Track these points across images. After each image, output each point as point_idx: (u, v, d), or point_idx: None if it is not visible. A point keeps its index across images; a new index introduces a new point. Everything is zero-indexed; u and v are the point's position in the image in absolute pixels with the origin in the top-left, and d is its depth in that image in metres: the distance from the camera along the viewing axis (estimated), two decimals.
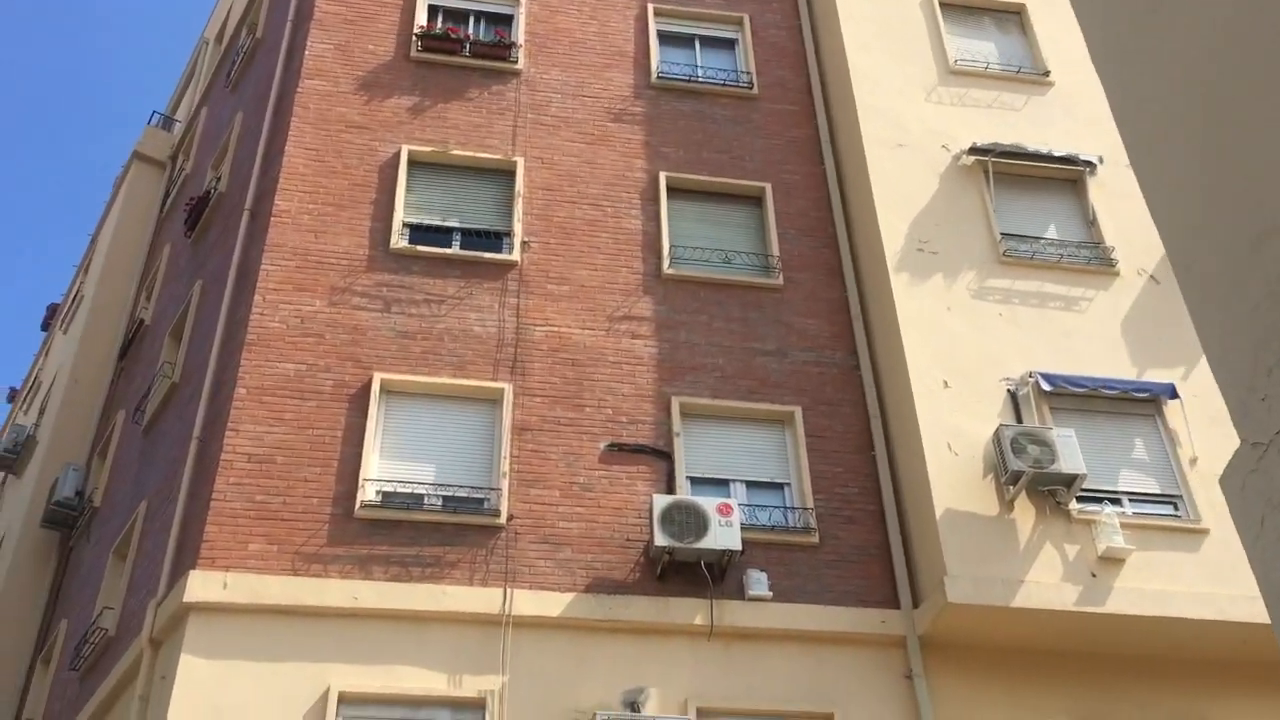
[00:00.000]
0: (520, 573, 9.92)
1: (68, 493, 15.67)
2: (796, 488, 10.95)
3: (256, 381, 10.67)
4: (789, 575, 10.29)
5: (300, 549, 9.75)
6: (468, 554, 9.95)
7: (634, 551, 10.21)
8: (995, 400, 10.86)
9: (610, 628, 9.75)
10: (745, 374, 11.56)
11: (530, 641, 9.58)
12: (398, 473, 10.40)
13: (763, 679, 9.72)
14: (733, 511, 10.01)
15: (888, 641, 10.02)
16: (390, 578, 9.71)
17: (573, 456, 10.71)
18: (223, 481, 10.01)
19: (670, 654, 9.72)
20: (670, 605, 9.88)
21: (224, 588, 9.40)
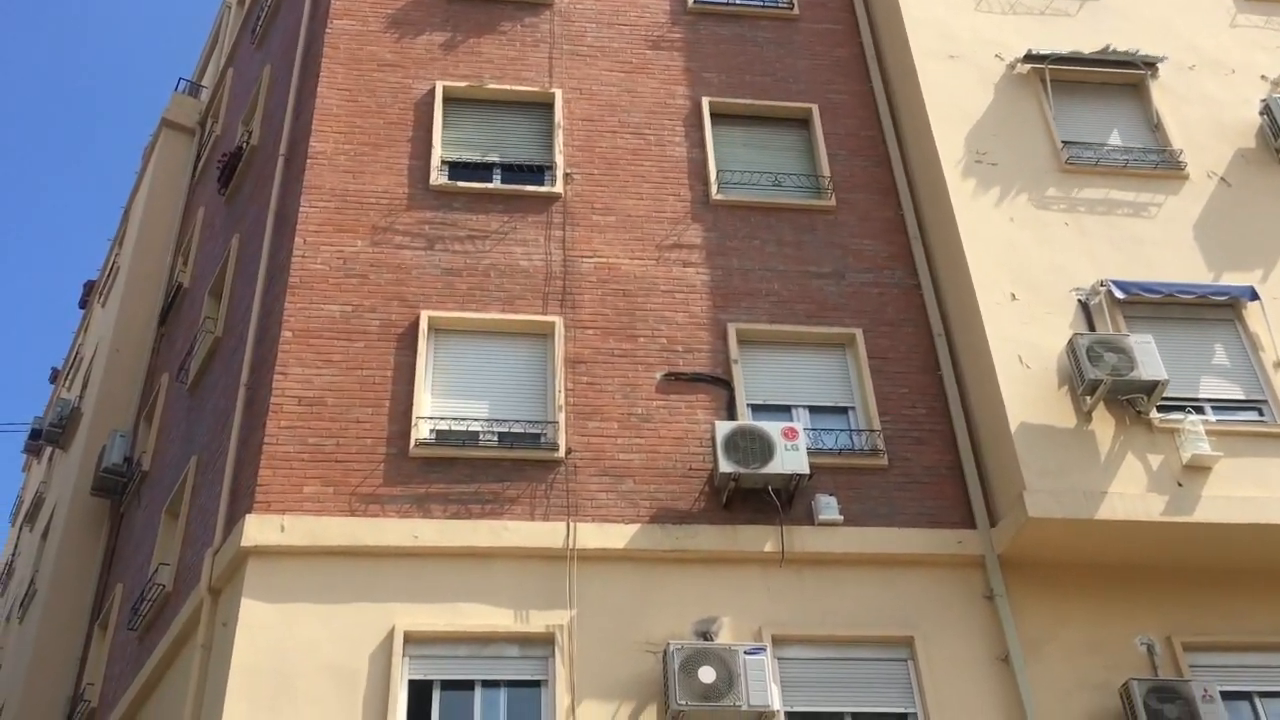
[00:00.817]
0: (582, 506, 9.63)
1: (116, 459, 15.56)
2: (861, 411, 10.58)
3: (302, 324, 10.40)
4: (859, 499, 9.94)
5: (356, 490, 9.50)
6: (527, 489, 9.67)
7: (698, 481, 9.89)
8: (1066, 311, 10.42)
9: (677, 558, 9.45)
10: (802, 298, 11.18)
11: (596, 575, 9.30)
12: (451, 410, 10.12)
13: (838, 604, 9.39)
14: (798, 435, 9.65)
15: (965, 562, 9.65)
16: (450, 515, 9.45)
17: (629, 388, 10.39)
18: (274, 425, 9.77)
19: (741, 583, 9.41)
20: (738, 533, 9.57)
21: (281, 531, 9.18)
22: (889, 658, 9.22)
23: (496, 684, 8.89)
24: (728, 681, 8.45)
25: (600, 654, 8.93)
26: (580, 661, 8.87)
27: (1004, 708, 8.98)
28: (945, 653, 9.21)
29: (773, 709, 8.43)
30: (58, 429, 19.35)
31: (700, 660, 8.54)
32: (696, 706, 8.35)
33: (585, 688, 8.76)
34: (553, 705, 8.71)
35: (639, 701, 8.76)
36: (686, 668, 8.49)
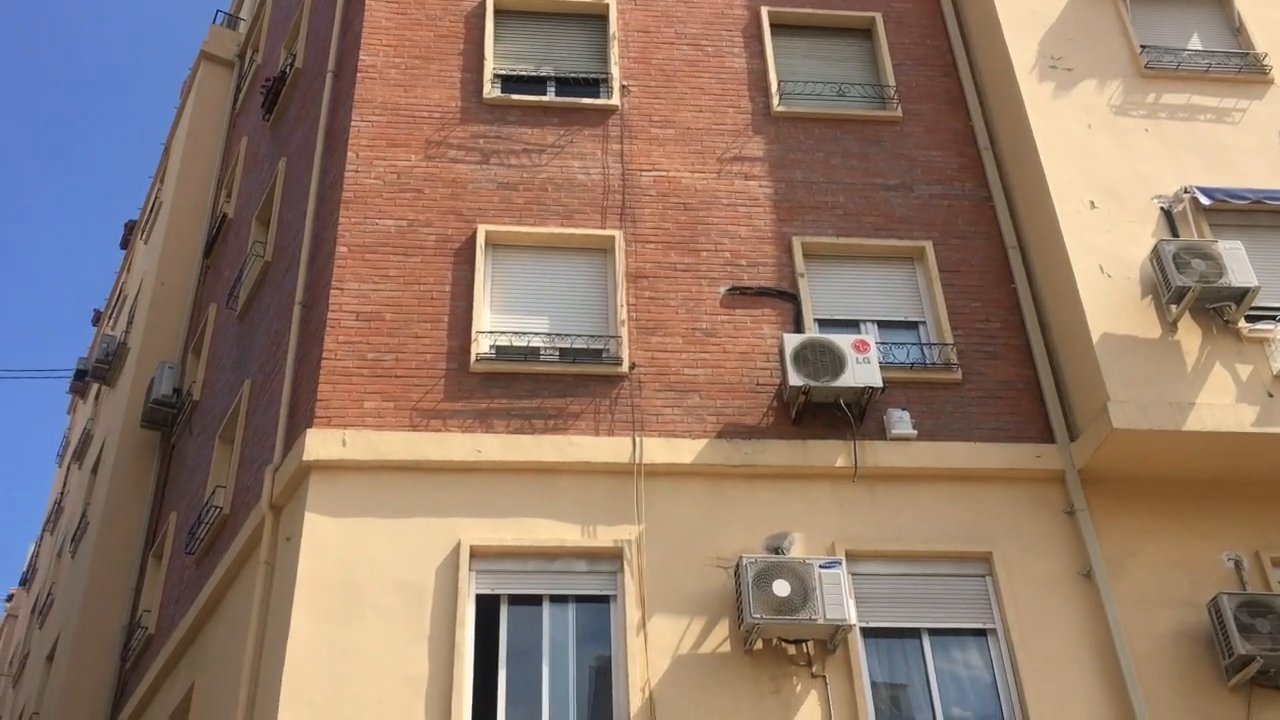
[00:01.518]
0: (648, 421, 9.38)
1: (165, 391, 15.49)
2: (933, 325, 10.24)
3: (357, 239, 10.16)
4: (932, 414, 9.63)
5: (417, 405, 9.30)
6: (591, 404, 9.43)
7: (766, 396, 9.62)
8: (1148, 219, 10.00)
9: (747, 473, 9.20)
10: (869, 211, 10.80)
11: (664, 490, 9.07)
12: (511, 325, 9.88)
13: (912, 520, 9.12)
14: (870, 348, 9.34)
15: (1044, 477, 9.35)
16: (513, 430, 9.23)
17: (692, 302, 10.09)
18: (332, 341, 9.57)
19: (812, 498, 9.16)
20: (809, 448, 9.30)
21: (343, 445, 9.00)
22: (967, 573, 8.97)
23: (565, 599, 8.72)
24: (802, 595, 8.22)
25: (670, 569, 8.73)
26: (650, 576, 8.68)
27: (1087, 624, 8.71)
28: (1025, 568, 8.93)
29: (849, 623, 8.20)
30: (104, 365, 19.32)
31: (774, 574, 8.31)
32: (771, 620, 8.13)
33: (655, 602, 8.57)
34: (622, 620, 8.52)
35: (710, 616, 8.56)
36: (760, 581, 8.26)
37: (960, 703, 8.51)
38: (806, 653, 8.44)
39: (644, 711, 8.10)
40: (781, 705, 8.24)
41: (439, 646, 8.27)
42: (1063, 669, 8.53)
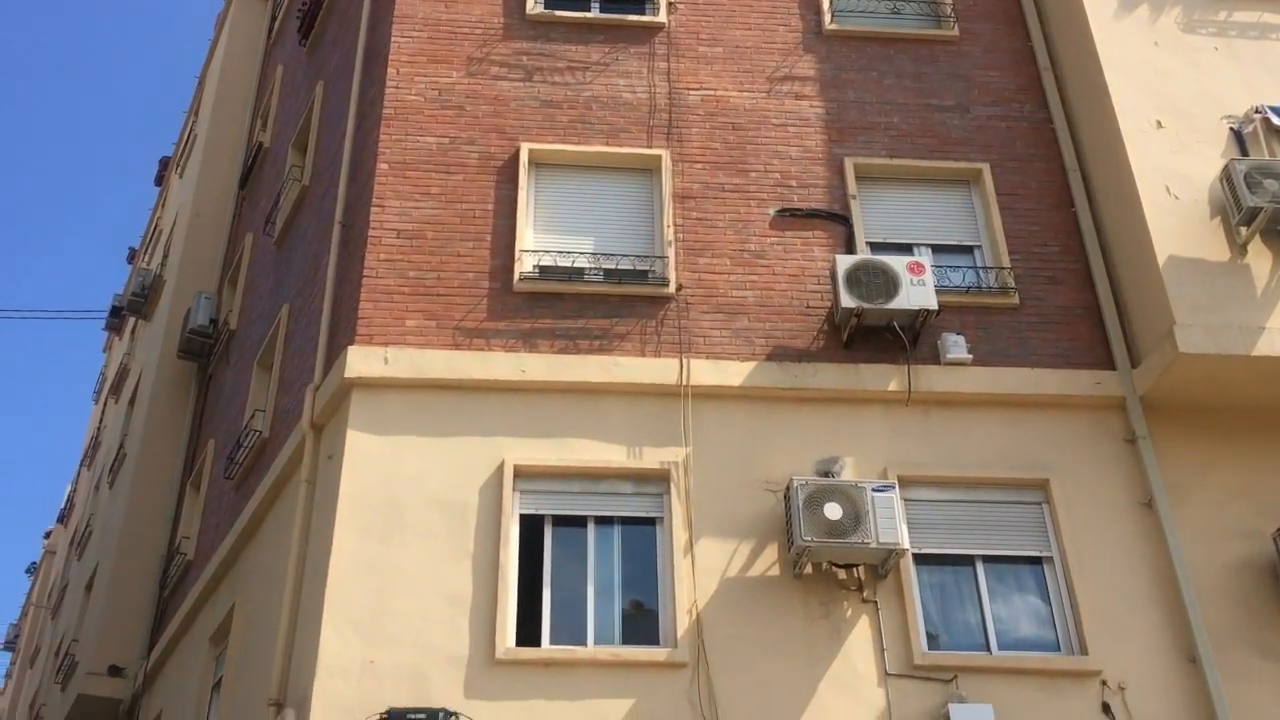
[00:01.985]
0: (695, 343, 9.15)
1: (201, 321, 15.41)
2: (989, 249, 9.92)
3: (398, 156, 9.93)
4: (988, 339, 9.34)
5: (460, 324, 9.10)
6: (637, 325, 9.21)
7: (816, 319, 9.36)
8: (1217, 139, 9.59)
9: (796, 397, 8.97)
10: (924, 132, 10.45)
11: (712, 412, 8.86)
12: (555, 245, 9.64)
13: (967, 446, 8.87)
14: (924, 270, 9.04)
15: (1104, 404, 9.06)
16: (557, 350, 9.03)
17: (741, 224, 9.82)
18: (373, 258, 9.38)
19: (863, 423, 8.92)
20: (861, 372, 9.05)
21: (385, 363, 8.83)
22: (1023, 501, 8.72)
23: (610, 520, 8.56)
24: (854, 519, 8.01)
25: (717, 492, 8.54)
26: (697, 499, 8.49)
27: (1147, 553, 8.47)
28: (1083, 496, 8.68)
29: (902, 547, 7.98)
30: (140, 298, 19.29)
31: (826, 496, 8.09)
32: (822, 543, 7.93)
33: (703, 525, 8.39)
34: (669, 542, 8.36)
35: (759, 539, 8.37)
36: (811, 504, 8.05)
37: (1014, 631, 8.30)
38: (857, 577, 8.25)
39: (690, 634, 7.95)
40: (831, 630, 8.07)
41: (483, 565, 8.14)
42: (1122, 599, 8.30)
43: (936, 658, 7.99)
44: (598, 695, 7.72)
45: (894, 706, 7.80)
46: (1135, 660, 8.05)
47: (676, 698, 7.75)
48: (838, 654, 7.99)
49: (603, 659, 7.84)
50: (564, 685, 7.74)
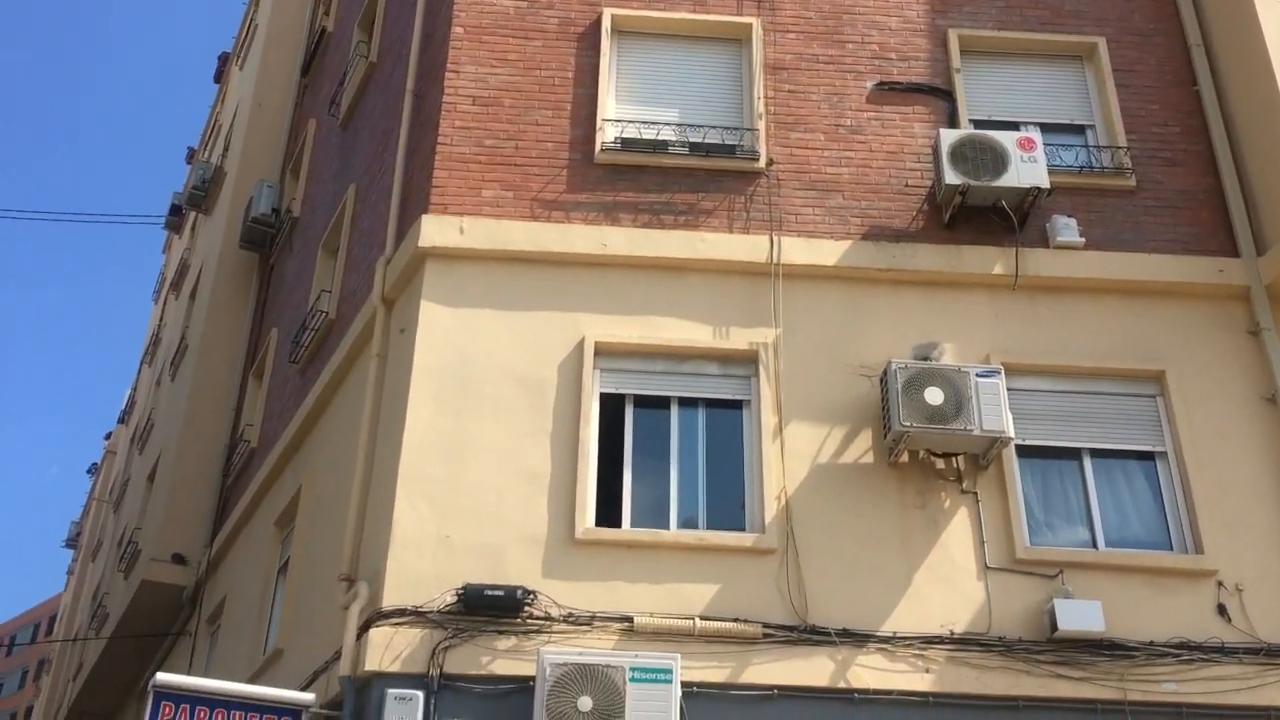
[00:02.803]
0: (786, 220, 8.63)
1: (264, 209, 15.11)
2: (1103, 129, 9.25)
3: (474, 20, 9.40)
4: (1100, 223, 8.73)
5: (538, 195, 8.65)
6: (724, 201, 8.70)
7: (915, 198, 8.79)
8: None
9: (893, 278, 8.44)
10: (1034, 3, 9.72)
11: (803, 292, 8.37)
12: (638, 116, 9.10)
13: (1077, 334, 8.32)
14: (1036, 145, 8.42)
15: (1226, 293, 8.44)
16: (640, 225, 8.56)
17: (836, 97, 9.22)
18: (448, 126, 8.91)
19: (965, 307, 8.39)
20: (963, 254, 8.49)
21: (460, 233, 8.41)
22: (1135, 393, 8.18)
23: (694, 402, 8.14)
24: (956, 404, 7.52)
25: (808, 375, 8.08)
26: (787, 382, 8.04)
27: (1270, 450, 7.92)
28: (1201, 389, 8.12)
29: (1007, 435, 7.50)
30: (200, 192, 19.06)
31: (927, 380, 7.60)
32: (923, 429, 7.46)
33: (793, 409, 7.95)
34: (756, 426, 7.93)
35: (852, 425, 7.93)
36: (911, 388, 7.57)
37: (1122, 528, 7.82)
38: (956, 468, 7.79)
39: (779, 520, 7.56)
40: (928, 521, 7.64)
41: (562, 443, 7.77)
42: (1240, 497, 7.78)
43: (1040, 552, 7.54)
44: (680, 580, 7.37)
45: (994, 600, 7.38)
46: (1254, 561, 7.56)
47: (763, 585, 7.38)
48: (934, 545, 7.56)
49: (686, 543, 7.48)
50: (645, 568, 7.40)
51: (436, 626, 7.10)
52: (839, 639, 7.18)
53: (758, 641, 7.17)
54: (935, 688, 7.09)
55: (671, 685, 6.58)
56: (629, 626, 7.17)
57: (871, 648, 7.20)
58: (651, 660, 6.65)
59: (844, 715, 7.04)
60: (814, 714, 7.02)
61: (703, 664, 7.04)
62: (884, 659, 7.17)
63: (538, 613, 7.17)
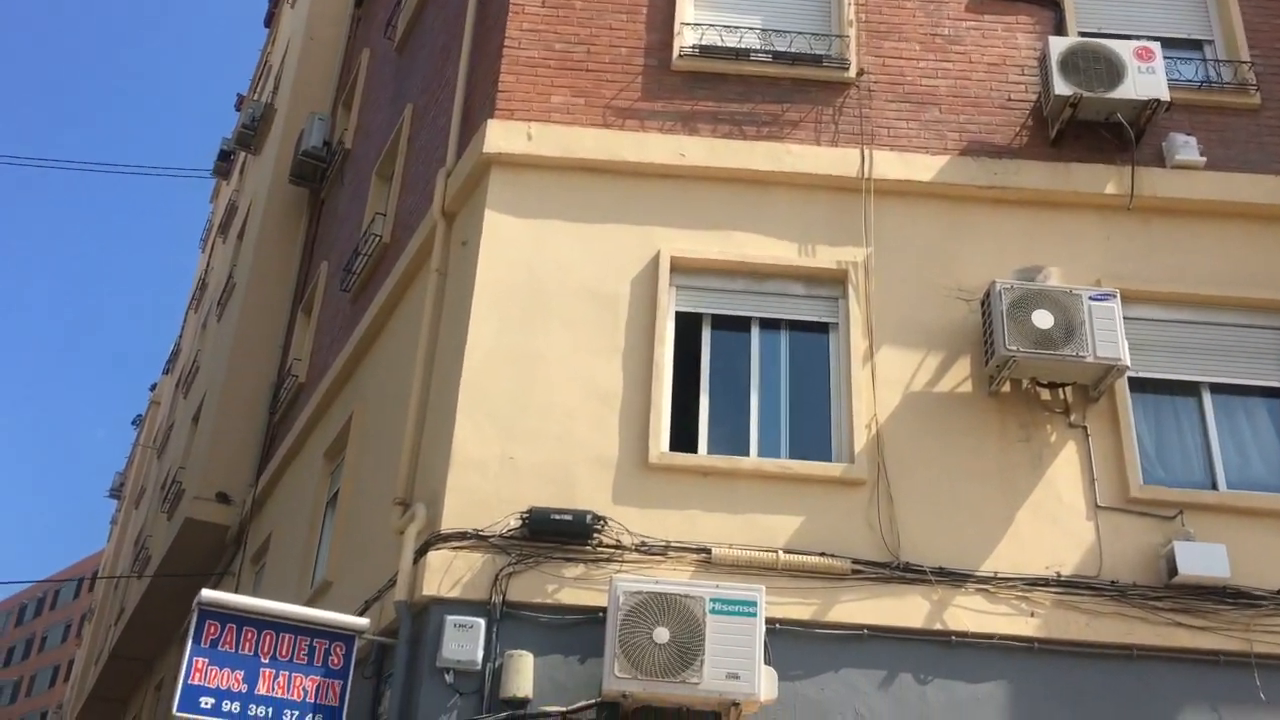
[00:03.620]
0: (878, 134, 7.99)
1: (315, 142, 14.65)
2: (1223, 45, 8.51)
3: None
4: (1221, 142, 8.01)
5: (611, 102, 8.06)
6: (811, 112, 8.07)
7: (1018, 113, 8.11)
8: None
9: (995, 197, 7.79)
10: None
11: (896, 210, 7.74)
12: (719, 20, 8.48)
13: (1196, 260, 7.63)
14: (1154, 55, 7.72)
15: None
16: (720, 135, 7.95)
17: (933, 5, 8.54)
18: (515, 28, 8.34)
19: (1072, 228, 7.73)
20: (1072, 172, 7.81)
21: (528, 139, 7.85)
22: (1263, 325, 7.49)
23: (776, 324, 7.55)
24: (1066, 329, 6.88)
25: (901, 297, 7.47)
26: (878, 304, 7.43)
27: None
28: None
29: (1122, 364, 6.85)
30: (249, 131, 18.65)
31: (1035, 302, 6.96)
32: (1030, 354, 6.83)
33: (884, 333, 7.34)
34: (844, 350, 7.34)
35: (948, 352, 7.31)
36: (1017, 310, 6.93)
37: (1244, 468, 7.16)
38: (1063, 399, 7.16)
39: (870, 449, 6.97)
40: (1032, 456, 7.01)
41: (635, 362, 7.22)
42: None
43: (1156, 492, 6.90)
44: (761, 510, 6.81)
45: (1105, 542, 6.75)
46: None
47: (851, 518, 6.81)
48: (1039, 482, 6.94)
49: (768, 471, 6.91)
50: (724, 497, 6.84)
51: (499, 551, 6.59)
52: (935, 578, 6.60)
53: (846, 578, 6.60)
54: (1040, 633, 6.49)
55: (756, 619, 6.02)
56: (706, 558, 6.62)
57: (970, 588, 6.60)
58: (734, 591, 6.09)
59: (940, 659, 6.46)
60: (907, 656, 6.46)
61: (785, 600, 6.49)
62: (984, 600, 6.58)
63: (608, 540, 6.64)
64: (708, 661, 5.93)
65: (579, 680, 6.33)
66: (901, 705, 6.35)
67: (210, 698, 6.00)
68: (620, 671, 5.91)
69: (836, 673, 6.42)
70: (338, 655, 6.41)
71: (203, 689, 6.01)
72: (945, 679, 6.41)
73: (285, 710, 6.15)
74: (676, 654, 5.94)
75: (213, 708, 5.98)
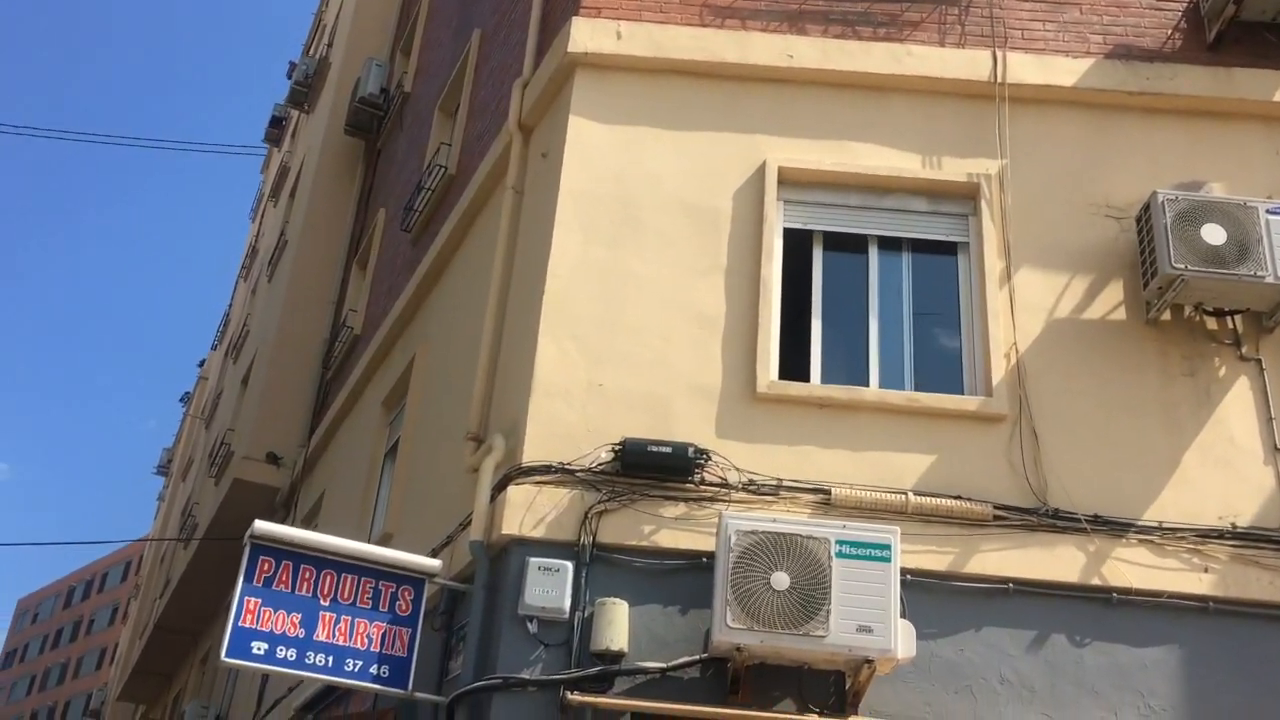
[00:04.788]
0: (1011, 36, 7.09)
1: (372, 89, 13.97)
2: None
3: None
4: None
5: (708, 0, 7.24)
6: (933, 12, 7.19)
7: (1170, 13, 7.18)
8: None
9: (1146, 105, 6.86)
10: None
11: (1033, 118, 6.84)
12: None
13: None
14: None
15: None
16: (832, 36, 7.09)
17: None
18: None
19: (1235, 139, 6.78)
20: (1234, 78, 6.87)
21: (617, 39, 7.03)
22: None
23: (898, 242, 6.69)
24: (1240, 247, 5.96)
25: (1042, 214, 6.57)
26: (1015, 221, 6.54)
27: None
28: None
29: None
30: (303, 88, 18.05)
31: (1203, 215, 6.05)
32: (1200, 273, 5.91)
33: (1023, 253, 6.45)
34: (977, 272, 6.46)
35: (1097, 274, 6.40)
36: (1184, 225, 6.02)
37: None
38: (1233, 329, 6.24)
39: (1010, 382, 6.09)
40: (1197, 392, 6.09)
41: (738, 282, 6.38)
42: None
43: None
44: (885, 448, 5.95)
45: None
46: None
47: (990, 457, 5.93)
48: (1208, 421, 6.02)
49: (894, 404, 6.05)
50: (842, 431, 5.99)
51: (588, 487, 5.79)
52: (1090, 526, 5.71)
53: (986, 524, 5.73)
54: (1216, 591, 5.59)
55: (890, 565, 5.16)
56: (824, 499, 5.78)
57: (1132, 539, 5.70)
58: (864, 533, 5.24)
59: (1098, 618, 5.57)
60: (1059, 615, 5.58)
61: (917, 548, 5.63)
62: (1149, 553, 5.68)
63: (712, 477, 5.82)
64: (835, 612, 5.08)
65: (680, 633, 5.52)
66: (1054, 670, 5.48)
67: (263, 643, 5.26)
68: (734, 621, 5.08)
69: (977, 631, 5.56)
70: (406, 600, 5.65)
71: (255, 633, 5.26)
72: (1105, 641, 5.52)
73: (347, 659, 5.40)
74: (798, 602, 5.10)
75: (265, 654, 5.24)
